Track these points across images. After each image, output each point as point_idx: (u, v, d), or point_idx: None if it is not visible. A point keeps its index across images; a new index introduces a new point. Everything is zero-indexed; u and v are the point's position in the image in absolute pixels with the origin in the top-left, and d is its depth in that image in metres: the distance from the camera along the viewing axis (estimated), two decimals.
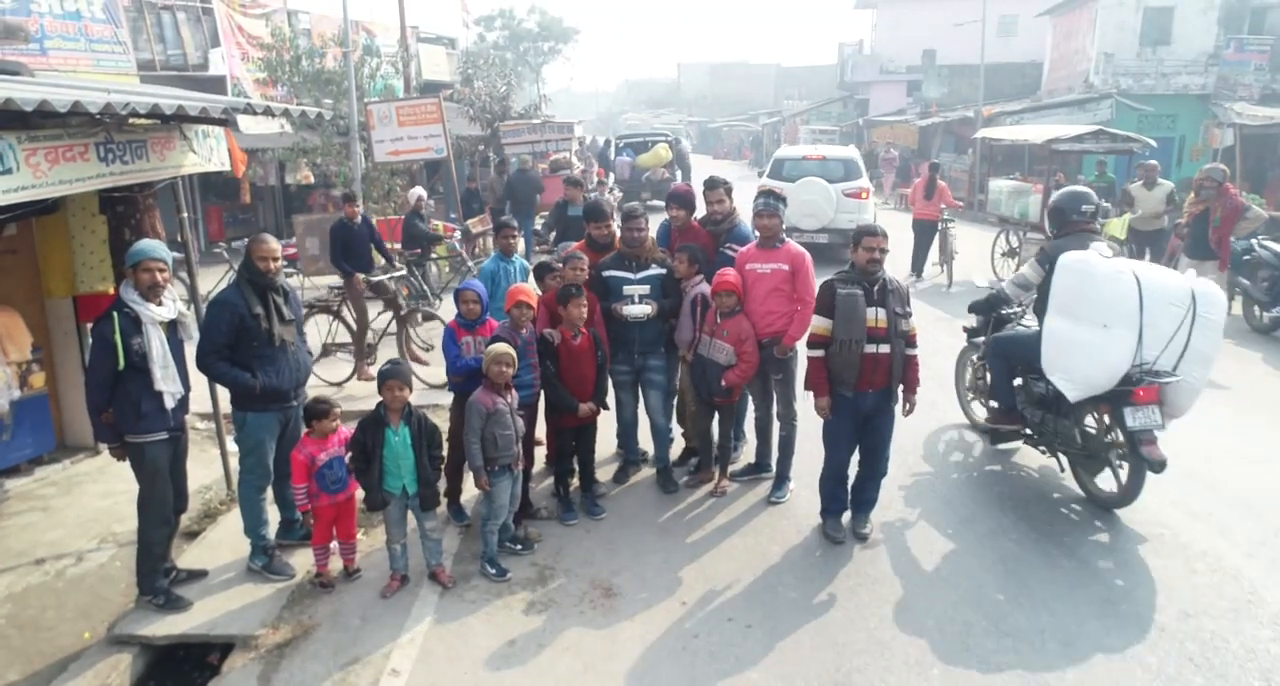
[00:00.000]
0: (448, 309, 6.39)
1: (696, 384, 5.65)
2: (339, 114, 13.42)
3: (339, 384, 8.19)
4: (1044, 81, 29.09)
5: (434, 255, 11.81)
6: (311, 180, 17.90)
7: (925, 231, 12.96)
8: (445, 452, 4.90)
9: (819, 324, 4.91)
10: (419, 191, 12.02)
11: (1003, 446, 6.27)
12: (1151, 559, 4.80)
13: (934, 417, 7.09)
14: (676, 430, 6.17)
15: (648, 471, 6.10)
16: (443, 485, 4.96)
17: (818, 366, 4.93)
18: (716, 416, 5.74)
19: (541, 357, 5.15)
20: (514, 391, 4.79)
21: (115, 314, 4.21)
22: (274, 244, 4.67)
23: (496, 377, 4.63)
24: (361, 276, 8.55)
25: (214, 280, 11.43)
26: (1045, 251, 5.54)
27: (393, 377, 4.57)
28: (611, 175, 22.56)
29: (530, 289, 5.17)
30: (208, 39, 18.07)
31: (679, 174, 22.02)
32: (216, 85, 17.61)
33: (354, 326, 8.59)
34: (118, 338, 4.16)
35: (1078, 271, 5.11)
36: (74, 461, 6.50)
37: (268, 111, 5.48)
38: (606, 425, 5.97)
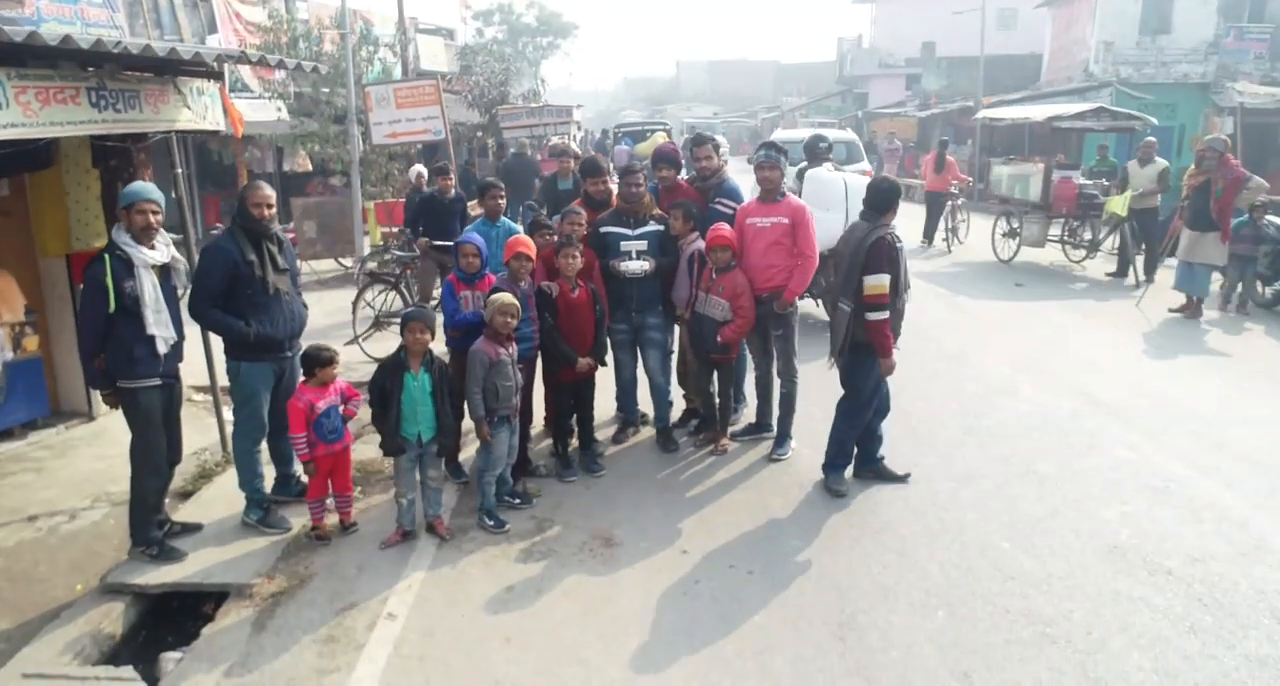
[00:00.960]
0: None
1: (694, 342, 5.59)
2: (335, 91, 13.34)
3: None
4: (1043, 72, 29.05)
5: None
6: (309, 168, 17.83)
7: (936, 202, 14.40)
8: None
9: (882, 282, 4.69)
10: (420, 169, 11.96)
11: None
12: (1157, 509, 4.74)
13: (937, 384, 7.03)
14: (676, 392, 6.11)
15: (647, 433, 6.04)
16: None
17: (885, 327, 4.74)
18: (716, 375, 5.69)
19: (540, 310, 5.09)
20: (515, 343, 4.73)
21: (107, 256, 4.14)
22: (268, 190, 4.61)
23: (501, 328, 4.57)
24: (425, 240, 8.48)
25: None
26: (802, 171, 8.22)
27: (416, 320, 4.53)
28: (610, 163, 22.50)
29: (528, 242, 5.11)
30: (205, 25, 17.97)
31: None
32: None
33: (410, 298, 8.56)
34: (109, 280, 4.10)
35: (814, 179, 8.05)
36: (68, 426, 6.44)
37: (263, 61, 5.42)
38: (605, 387, 5.92)
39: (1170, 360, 7.74)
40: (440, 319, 5.20)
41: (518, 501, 4.97)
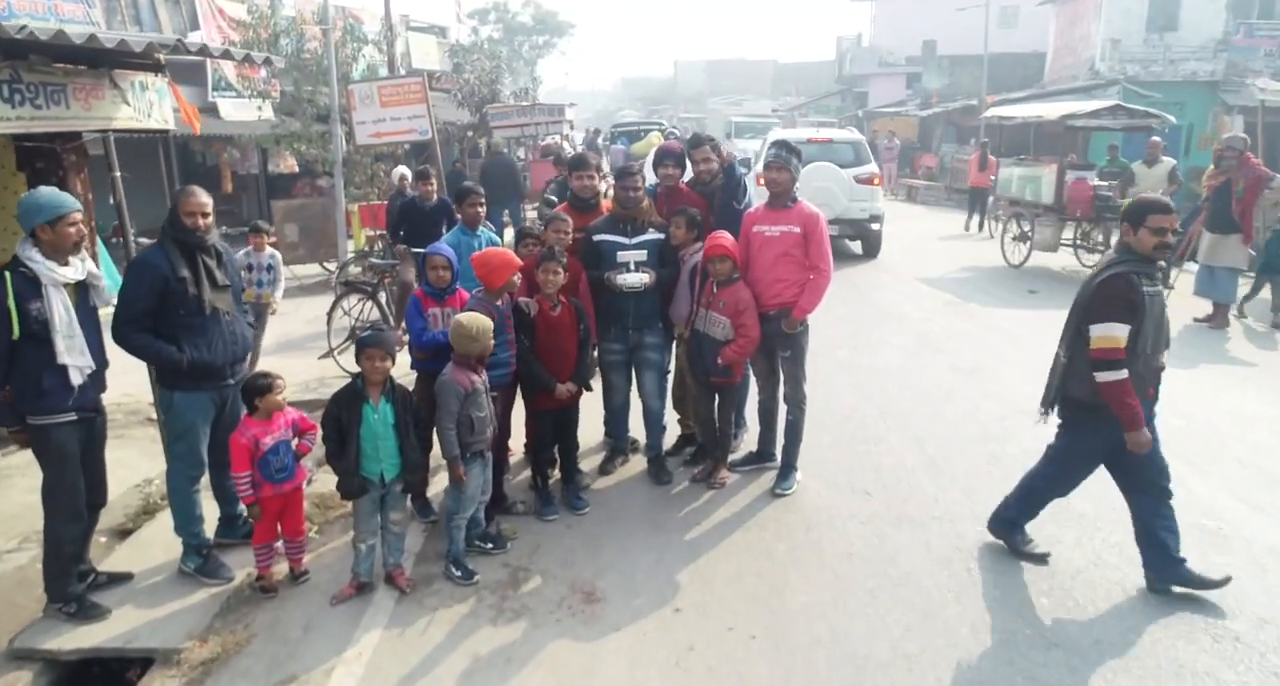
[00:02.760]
0: None
1: (693, 363, 5.04)
2: (317, 89, 12.82)
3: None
4: (1047, 71, 28.51)
5: None
6: (296, 169, 17.29)
7: (978, 195, 16.46)
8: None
9: (1112, 334, 3.68)
10: (403, 170, 11.43)
11: None
12: (1213, 557, 4.18)
13: (953, 404, 6.48)
14: (671, 416, 5.56)
15: (638, 461, 5.49)
16: None
17: (1123, 390, 3.71)
18: (717, 400, 5.13)
19: (516, 331, 4.54)
20: (485, 369, 4.19)
21: (8, 274, 3.59)
22: (203, 197, 4.06)
23: (483, 355, 4.04)
24: (403, 247, 7.98)
25: None
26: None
27: (373, 346, 3.99)
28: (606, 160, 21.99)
29: (511, 257, 4.53)
30: (186, 22, 17.43)
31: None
32: (195, 69, 17.01)
33: (387, 307, 8.07)
34: (11, 302, 3.55)
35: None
36: (4, 453, 5.88)
37: (203, 52, 4.86)
38: (592, 409, 5.38)
39: (1201, 375, 7.19)
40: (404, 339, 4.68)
41: (490, 546, 4.42)
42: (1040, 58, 29.50)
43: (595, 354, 5.03)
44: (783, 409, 5.12)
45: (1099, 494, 4.89)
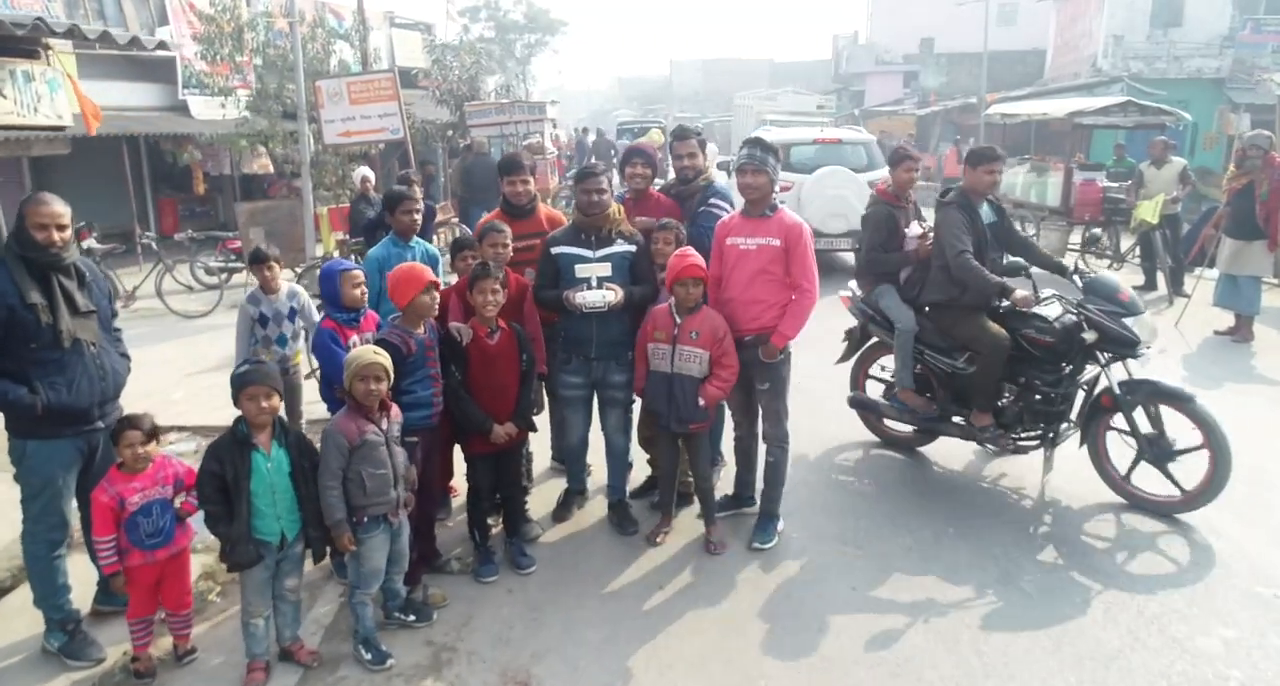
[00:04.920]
0: None
1: (664, 413, 4.19)
2: (283, 85, 12.15)
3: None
4: (1047, 68, 27.94)
5: None
6: (271, 169, 16.60)
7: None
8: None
9: None
10: (365, 172, 10.74)
11: None
12: (1274, 636, 3.51)
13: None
14: (639, 454, 4.86)
15: (599, 503, 4.80)
16: None
17: None
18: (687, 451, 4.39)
19: (445, 362, 3.85)
20: (392, 411, 3.49)
21: None
22: (57, 206, 3.36)
23: (364, 399, 3.34)
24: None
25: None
26: None
27: (255, 382, 3.30)
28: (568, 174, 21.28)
29: (425, 270, 3.84)
30: (154, 16, 16.74)
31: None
32: (164, 66, 16.33)
33: None
34: None
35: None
36: None
37: (72, 33, 4.17)
38: (548, 442, 4.71)
39: (1228, 397, 6.51)
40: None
41: (412, 618, 3.73)
42: (1040, 55, 28.91)
43: (542, 387, 4.35)
44: (762, 448, 4.44)
45: (1126, 548, 4.23)
